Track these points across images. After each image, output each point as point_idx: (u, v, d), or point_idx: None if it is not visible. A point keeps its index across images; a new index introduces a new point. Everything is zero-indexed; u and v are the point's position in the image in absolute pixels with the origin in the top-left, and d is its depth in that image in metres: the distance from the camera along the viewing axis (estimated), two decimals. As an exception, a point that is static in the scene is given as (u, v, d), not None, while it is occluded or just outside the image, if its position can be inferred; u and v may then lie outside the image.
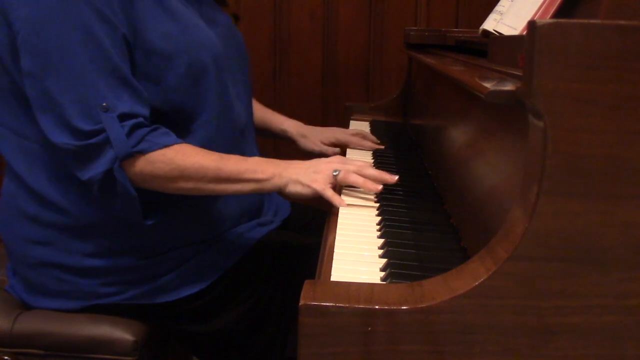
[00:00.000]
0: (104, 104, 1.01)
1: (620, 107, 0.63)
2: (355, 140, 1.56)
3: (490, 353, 0.66)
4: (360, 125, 1.85)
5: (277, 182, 1.10)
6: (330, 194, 1.09)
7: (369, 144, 1.55)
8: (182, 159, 1.07)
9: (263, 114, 1.57)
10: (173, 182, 1.08)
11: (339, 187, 1.14)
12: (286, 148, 1.64)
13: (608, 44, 0.62)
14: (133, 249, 1.14)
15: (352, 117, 1.96)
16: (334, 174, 1.11)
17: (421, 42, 1.77)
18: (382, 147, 1.54)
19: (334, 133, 1.57)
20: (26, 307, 1.18)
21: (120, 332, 1.13)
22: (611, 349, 0.67)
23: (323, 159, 1.16)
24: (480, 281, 0.65)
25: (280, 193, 1.14)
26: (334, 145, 1.55)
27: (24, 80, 1.03)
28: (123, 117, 1.02)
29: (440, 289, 0.67)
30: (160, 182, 1.07)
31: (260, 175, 1.10)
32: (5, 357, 1.12)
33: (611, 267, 0.65)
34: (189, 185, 1.09)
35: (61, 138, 1.02)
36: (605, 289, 0.65)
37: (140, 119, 1.05)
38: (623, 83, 0.63)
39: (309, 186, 1.09)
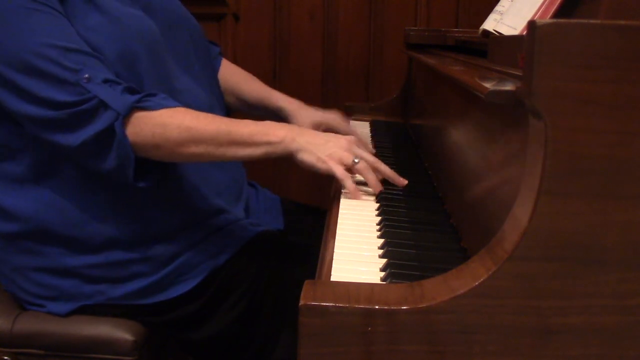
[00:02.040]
0: (86, 76, 1.02)
1: (620, 107, 0.63)
2: (345, 129, 1.43)
3: (490, 353, 0.66)
4: (360, 126, 1.85)
5: (289, 145, 1.07)
6: (349, 183, 1.07)
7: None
8: (192, 121, 1.05)
9: (258, 90, 1.50)
10: (184, 147, 1.05)
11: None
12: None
13: (608, 44, 0.62)
14: (109, 242, 1.13)
15: (352, 117, 1.96)
16: (355, 161, 1.08)
17: (421, 42, 1.77)
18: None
19: (329, 120, 1.44)
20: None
21: (120, 332, 1.13)
22: (611, 349, 0.67)
23: (342, 138, 1.12)
24: (480, 281, 0.65)
25: (291, 157, 1.10)
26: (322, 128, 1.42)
27: None
28: (108, 82, 1.03)
29: (440, 289, 0.67)
30: (171, 146, 1.05)
31: (272, 138, 1.07)
32: (5, 357, 1.12)
33: (611, 267, 0.65)
34: (200, 149, 1.06)
35: (50, 112, 1.02)
36: (605, 289, 0.65)
37: (130, 84, 1.05)
38: (623, 83, 0.63)
39: (325, 162, 1.06)
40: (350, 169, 1.10)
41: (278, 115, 1.47)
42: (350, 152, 1.08)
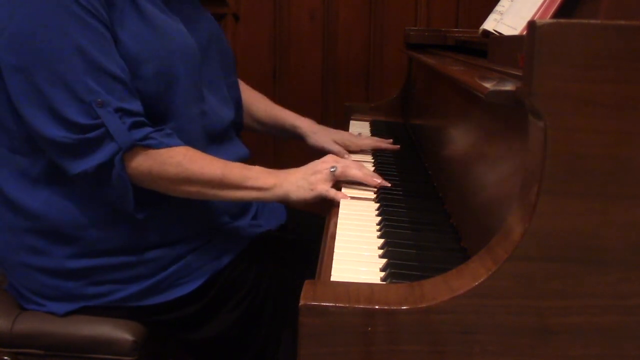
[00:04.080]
0: (99, 100, 1.02)
1: (620, 107, 0.63)
2: (368, 143, 1.51)
3: (490, 353, 0.66)
4: (360, 125, 1.85)
5: (277, 192, 1.12)
6: (332, 193, 1.11)
7: (384, 145, 1.51)
8: (190, 162, 1.08)
9: (272, 110, 1.54)
10: (178, 185, 1.09)
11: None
12: (286, 150, 1.62)
13: (608, 44, 0.62)
14: (114, 246, 1.13)
15: (352, 117, 1.96)
16: (332, 170, 1.12)
17: (421, 42, 1.77)
18: (397, 147, 1.51)
19: (345, 136, 1.53)
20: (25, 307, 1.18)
21: (120, 332, 1.13)
22: (611, 349, 0.67)
23: (317, 161, 1.17)
24: (480, 281, 0.65)
25: (284, 202, 1.15)
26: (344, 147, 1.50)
27: (9, 76, 1.03)
28: (120, 112, 1.03)
29: (440, 289, 0.67)
30: (167, 183, 1.09)
31: (262, 184, 1.11)
32: (5, 357, 1.12)
33: (611, 267, 0.65)
34: (193, 189, 1.10)
35: (56, 132, 1.03)
36: (605, 289, 0.65)
37: (142, 118, 1.06)
38: (623, 83, 0.63)
39: (311, 190, 1.11)
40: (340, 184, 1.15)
41: (292, 133, 1.52)
42: (327, 168, 1.13)
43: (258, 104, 1.54)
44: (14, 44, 1.02)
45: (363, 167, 1.18)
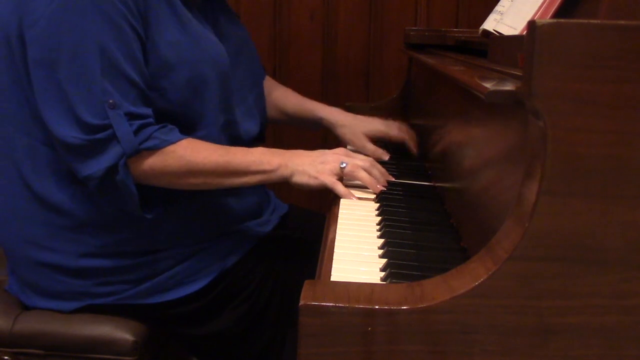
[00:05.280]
0: (111, 101, 1.02)
1: (620, 107, 0.63)
2: (398, 136, 1.48)
3: (490, 353, 0.66)
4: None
5: (283, 172, 1.11)
6: (340, 188, 1.10)
7: (412, 144, 1.48)
8: (192, 154, 1.08)
9: (302, 103, 1.52)
10: (182, 178, 1.09)
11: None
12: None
13: (608, 44, 0.62)
14: (129, 248, 1.13)
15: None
16: (342, 166, 1.12)
17: (421, 42, 1.77)
18: (416, 152, 1.49)
19: (376, 126, 1.48)
20: (25, 306, 1.18)
21: (120, 332, 1.13)
22: (611, 349, 0.67)
23: (328, 150, 1.16)
24: (480, 281, 0.65)
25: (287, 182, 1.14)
26: (375, 137, 1.46)
27: (34, 69, 1.03)
28: (130, 116, 1.03)
29: (440, 289, 0.67)
30: (170, 178, 1.09)
31: (266, 167, 1.11)
32: (5, 357, 1.12)
33: (611, 267, 0.65)
34: (198, 180, 1.10)
35: (67, 131, 1.03)
36: (605, 289, 0.65)
37: (149, 120, 1.06)
38: (623, 83, 0.63)
39: (316, 178, 1.10)
40: (344, 178, 1.14)
41: (320, 125, 1.50)
42: (336, 161, 1.12)
43: (289, 98, 1.53)
44: (42, 38, 1.02)
45: (375, 166, 1.17)
